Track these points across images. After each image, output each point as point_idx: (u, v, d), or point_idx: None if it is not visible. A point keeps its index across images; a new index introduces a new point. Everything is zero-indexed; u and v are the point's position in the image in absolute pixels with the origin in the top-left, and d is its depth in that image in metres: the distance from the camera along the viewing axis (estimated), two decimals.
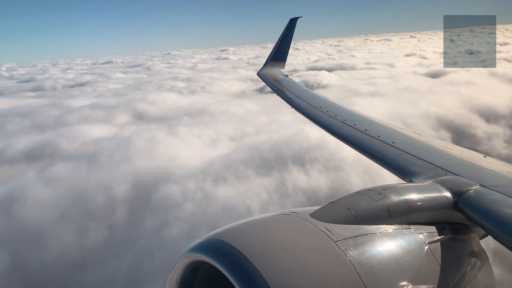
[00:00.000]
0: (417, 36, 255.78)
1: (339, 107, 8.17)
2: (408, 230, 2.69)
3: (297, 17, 13.58)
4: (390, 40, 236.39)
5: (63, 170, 25.00)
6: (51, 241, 18.95)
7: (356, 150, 5.51)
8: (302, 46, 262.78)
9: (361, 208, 2.62)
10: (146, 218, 18.69)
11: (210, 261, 2.10)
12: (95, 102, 59.88)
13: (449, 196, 3.15)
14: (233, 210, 17.91)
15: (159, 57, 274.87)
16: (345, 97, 50.32)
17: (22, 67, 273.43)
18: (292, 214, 2.50)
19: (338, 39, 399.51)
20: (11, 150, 36.00)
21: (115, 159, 25.32)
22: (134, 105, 53.66)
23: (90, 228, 19.75)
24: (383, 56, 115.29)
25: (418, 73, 67.35)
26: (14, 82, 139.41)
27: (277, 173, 20.04)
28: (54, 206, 20.72)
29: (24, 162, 33.03)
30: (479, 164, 4.55)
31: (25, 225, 19.73)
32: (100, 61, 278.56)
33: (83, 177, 23.55)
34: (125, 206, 20.37)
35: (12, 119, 53.90)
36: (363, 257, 2.24)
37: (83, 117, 49.43)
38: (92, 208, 20.54)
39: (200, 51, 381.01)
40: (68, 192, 21.75)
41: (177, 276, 2.37)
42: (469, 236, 3.11)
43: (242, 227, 2.36)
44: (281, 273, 1.96)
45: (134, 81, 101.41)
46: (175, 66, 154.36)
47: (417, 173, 4.08)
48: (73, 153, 32.93)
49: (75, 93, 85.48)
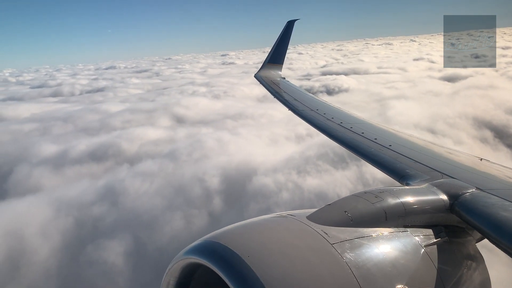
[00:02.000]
0: (417, 40, 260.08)
1: (336, 109, 8.22)
2: (404, 233, 2.71)
3: (294, 19, 13.59)
4: (391, 44, 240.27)
5: (151, 166, 28.17)
6: (164, 227, 22.10)
7: (353, 153, 5.58)
8: (303, 50, 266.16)
9: (358, 210, 2.65)
10: (249, 205, 21.85)
11: (206, 263, 2.11)
12: (130, 107, 62.72)
13: (446, 199, 3.18)
14: (326, 197, 21.11)
15: (161, 62, 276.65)
16: (372, 101, 53.73)
17: (25, 73, 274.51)
18: (289, 216, 2.53)
19: (337, 43, 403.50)
20: (75, 152, 38.95)
21: (196, 157, 28.48)
22: (171, 109, 56.62)
23: (193, 215, 22.92)
24: (390, 60, 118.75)
25: (433, 77, 70.85)
26: (28, 88, 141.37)
27: (355, 167, 23.30)
28: (159, 197, 23.93)
29: (94, 161, 36.13)
30: (475, 167, 4.58)
31: (139, 213, 22.90)
32: (103, 66, 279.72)
33: (173, 172, 26.74)
34: (223, 196, 23.57)
35: (53, 123, 56.61)
36: (359, 259, 2.25)
37: (126, 121, 52.35)
38: (193, 198, 23.76)
39: (200, 56, 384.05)
40: (167, 185, 24.91)
41: (173, 278, 2.40)
42: (465, 239, 3.12)
43: (239, 229, 2.38)
44: (278, 275, 1.98)
45: (152, 86, 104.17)
46: (184, 71, 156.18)
47: (413, 176, 4.12)
48: (140, 153, 36.06)
49: (98, 98, 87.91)
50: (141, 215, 22.77)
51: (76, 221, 22.80)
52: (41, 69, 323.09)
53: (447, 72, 71.96)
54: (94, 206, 24.02)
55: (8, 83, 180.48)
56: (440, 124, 33.63)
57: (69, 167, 35.34)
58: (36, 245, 21.02)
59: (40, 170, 34.62)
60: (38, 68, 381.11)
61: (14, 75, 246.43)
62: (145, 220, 22.45)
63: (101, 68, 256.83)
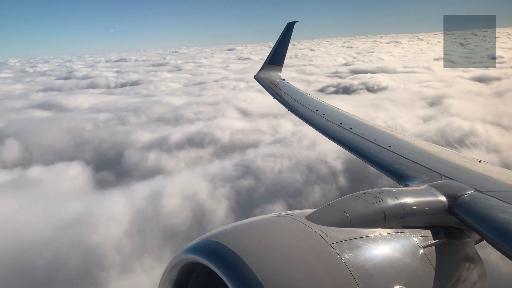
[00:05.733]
0: (424, 39, 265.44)
1: (335, 110, 8.25)
2: (403, 233, 2.76)
3: (294, 21, 13.68)
4: (399, 42, 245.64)
5: (271, 149, 34.26)
6: (309, 196, 28.13)
7: (352, 154, 5.61)
8: (310, 46, 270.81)
9: (357, 211, 2.69)
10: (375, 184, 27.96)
11: (205, 262, 2.15)
12: (193, 100, 68.32)
13: (444, 200, 3.24)
14: None
15: (170, 55, 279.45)
16: (417, 99, 59.35)
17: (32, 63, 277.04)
18: (288, 216, 2.56)
19: (342, 40, 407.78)
20: (174, 139, 44.45)
21: (308, 143, 34.40)
22: (233, 103, 62.27)
23: (327, 189, 29.02)
24: (410, 60, 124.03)
25: (463, 77, 76.56)
26: (54, 79, 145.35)
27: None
28: (295, 173, 30.08)
29: (198, 147, 41.94)
30: (474, 169, 4.63)
31: (284, 185, 28.98)
32: (113, 58, 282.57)
33: (296, 154, 32.75)
34: (346, 174, 29.69)
35: (126, 114, 61.75)
36: (358, 260, 2.28)
37: (198, 112, 57.99)
38: (322, 175, 29.90)
39: (206, 49, 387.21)
40: (298, 163, 31.02)
41: (171, 276, 2.45)
42: (463, 240, 3.17)
43: (237, 229, 2.42)
44: (276, 275, 2.01)
45: (187, 80, 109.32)
46: (204, 66, 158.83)
47: (412, 177, 4.18)
48: (236, 140, 42.05)
49: (142, 91, 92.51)
50: (287, 186, 28.89)
51: (234, 190, 28.81)
52: (51, 60, 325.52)
53: (475, 73, 77.71)
54: (242, 180, 30.07)
55: (28, 74, 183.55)
56: (507, 120, 39.41)
57: (178, 152, 41.14)
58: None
59: (156, 154, 40.37)
60: (44, 58, 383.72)
61: (28, 65, 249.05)
62: (292, 191, 28.55)
63: (112, 60, 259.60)
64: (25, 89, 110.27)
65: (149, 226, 24.54)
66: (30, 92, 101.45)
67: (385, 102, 56.90)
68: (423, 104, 55.24)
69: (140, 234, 23.73)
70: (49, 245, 21.86)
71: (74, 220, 24.02)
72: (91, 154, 42.82)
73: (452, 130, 34.20)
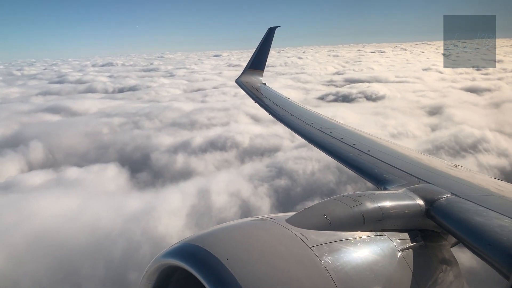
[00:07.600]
0: (407, 49, 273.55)
1: (316, 115, 8.35)
2: (381, 236, 2.81)
3: (275, 26, 13.84)
4: (383, 52, 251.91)
5: (299, 152, 37.16)
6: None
7: (332, 158, 5.79)
8: (295, 53, 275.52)
9: (336, 214, 2.74)
10: None
11: (184, 266, 2.15)
12: (200, 106, 70.73)
13: (422, 204, 3.32)
14: None
15: (158, 61, 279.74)
16: (416, 108, 63.02)
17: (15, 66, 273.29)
18: (268, 219, 2.59)
19: (327, 48, 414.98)
20: (196, 143, 46.89)
21: None
22: (243, 109, 64.89)
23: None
24: (399, 69, 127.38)
25: (455, 87, 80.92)
26: (46, 83, 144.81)
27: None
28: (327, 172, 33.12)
29: (223, 151, 44.52)
30: (451, 173, 4.78)
31: (319, 184, 31.91)
32: (99, 63, 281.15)
33: (322, 157, 35.74)
34: None
35: (139, 119, 63.52)
36: (337, 263, 2.31)
37: (211, 117, 60.47)
38: (352, 175, 32.92)
39: (191, 55, 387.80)
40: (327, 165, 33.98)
41: (150, 281, 2.44)
42: (440, 243, 3.24)
43: (217, 232, 2.42)
44: (256, 278, 2.02)
45: (186, 86, 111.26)
46: (197, 72, 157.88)
47: (391, 181, 4.26)
48: (258, 145, 44.88)
49: (143, 96, 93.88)
50: (321, 186, 31.87)
51: (273, 189, 31.60)
52: (34, 63, 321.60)
53: (465, 83, 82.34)
54: (278, 180, 32.91)
55: (17, 77, 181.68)
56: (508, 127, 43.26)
57: (204, 154, 43.65)
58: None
59: (183, 157, 42.77)
60: (26, 61, 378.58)
61: (13, 69, 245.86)
62: (326, 190, 31.52)
63: (98, 65, 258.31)
64: (22, 92, 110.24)
65: (205, 220, 27.10)
66: (29, 96, 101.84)
67: (387, 111, 60.41)
68: (423, 113, 58.98)
69: (198, 227, 26.28)
70: (123, 236, 24.25)
71: (138, 214, 26.43)
72: (119, 156, 44.83)
73: (464, 136, 37.79)
